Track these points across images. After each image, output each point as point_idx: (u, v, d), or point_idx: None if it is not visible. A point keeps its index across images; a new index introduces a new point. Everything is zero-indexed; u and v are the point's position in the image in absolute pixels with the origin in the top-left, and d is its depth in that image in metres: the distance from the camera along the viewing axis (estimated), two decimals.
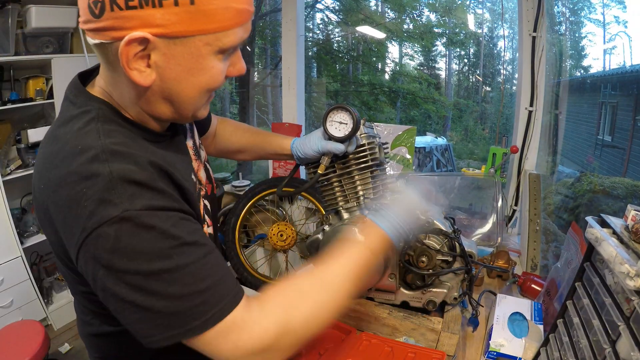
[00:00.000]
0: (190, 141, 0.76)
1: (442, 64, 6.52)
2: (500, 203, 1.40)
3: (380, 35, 5.93)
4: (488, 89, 6.23)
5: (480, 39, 5.99)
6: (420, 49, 6.30)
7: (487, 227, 1.41)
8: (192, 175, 0.71)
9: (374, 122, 1.16)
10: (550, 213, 1.95)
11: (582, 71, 3.05)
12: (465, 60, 6.41)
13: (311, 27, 5.81)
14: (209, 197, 0.77)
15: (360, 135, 0.94)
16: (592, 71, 2.93)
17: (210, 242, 0.56)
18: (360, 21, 5.68)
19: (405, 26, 5.86)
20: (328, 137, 0.88)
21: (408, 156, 1.78)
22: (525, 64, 1.57)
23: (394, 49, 6.38)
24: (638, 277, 0.58)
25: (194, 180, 0.71)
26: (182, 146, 0.72)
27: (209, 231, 0.75)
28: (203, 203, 0.73)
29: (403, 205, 0.75)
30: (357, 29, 5.82)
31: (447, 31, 5.92)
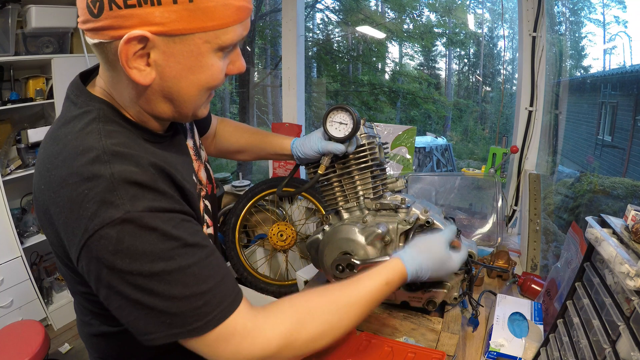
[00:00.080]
0: (191, 141, 0.76)
1: (442, 64, 6.53)
2: (500, 203, 1.40)
3: (380, 35, 5.92)
4: (488, 89, 6.22)
5: (480, 39, 5.99)
6: (420, 49, 6.30)
7: (487, 227, 1.41)
8: (193, 176, 0.70)
9: (374, 122, 1.16)
10: (550, 213, 1.95)
11: (582, 71, 3.05)
12: (465, 60, 6.41)
13: (311, 27, 5.81)
14: (209, 197, 0.77)
15: (360, 135, 0.94)
16: (592, 71, 2.93)
17: (211, 243, 0.56)
18: (360, 21, 5.67)
19: (405, 26, 5.85)
20: (328, 137, 0.88)
21: (408, 156, 1.78)
22: (525, 64, 1.58)
23: (394, 49, 6.39)
24: (638, 277, 0.58)
25: (195, 181, 0.70)
26: (182, 146, 0.72)
27: (209, 231, 0.75)
28: (203, 203, 0.73)
29: (436, 255, 0.76)
30: (357, 29, 5.81)
31: (447, 31, 5.91)
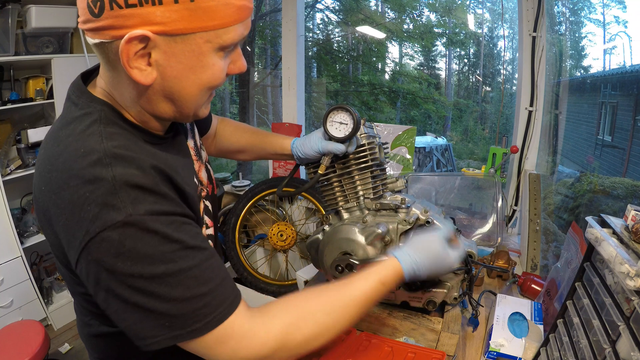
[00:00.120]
0: (192, 141, 0.76)
1: (442, 64, 6.53)
2: (500, 203, 1.40)
3: (380, 35, 5.93)
4: (488, 89, 6.23)
5: (480, 39, 6.00)
6: (420, 49, 6.30)
7: (487, 227, 1.41)
8: (194, 177, 0.70)
9: (374, 122, 1.16)
10: (550, 213, 1.95)
11: (582, 71, 3.05)
12: (465, 60, 6.41)
13: (311, 27, 5.81)
14: (209, 198, 0.77)
15: (361, 135, 0.94)
16: (592, 71, 2.93)
17: (210, 246, 0.57)
18: (360, 21, 5.68)
19: (405, 26, 5.85)
20: (328, 137, 0.88)
21: (408, 156, 1.78)
22: (525, 64, 1.58)
23: (394, 49, 6.39)
24: (638, 277, 0.58)
25: (196, 183, 0.70)
26: (183, 147, 0.71)
27: (209, 232, 0.75)
28: (204, 204, 0.73)
29: (432, 253, 0.75)
30: (357, 29, 5.82)
31: (447, 31, 5.92)
